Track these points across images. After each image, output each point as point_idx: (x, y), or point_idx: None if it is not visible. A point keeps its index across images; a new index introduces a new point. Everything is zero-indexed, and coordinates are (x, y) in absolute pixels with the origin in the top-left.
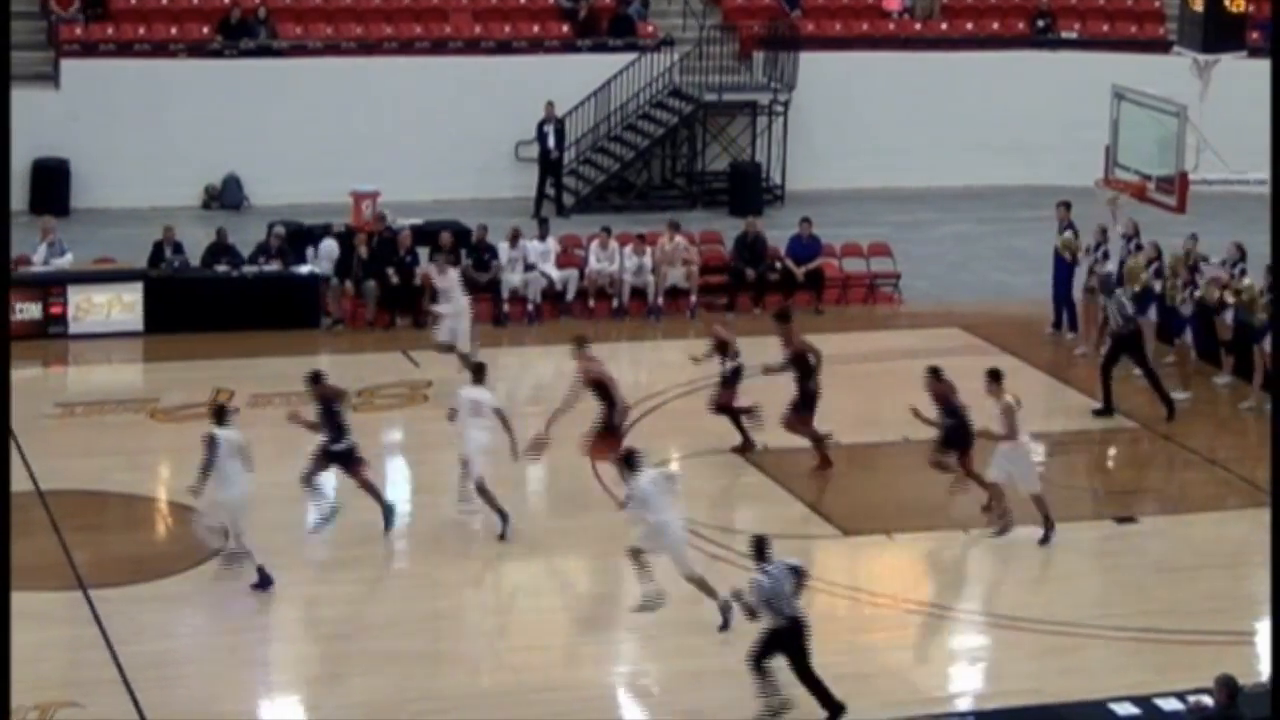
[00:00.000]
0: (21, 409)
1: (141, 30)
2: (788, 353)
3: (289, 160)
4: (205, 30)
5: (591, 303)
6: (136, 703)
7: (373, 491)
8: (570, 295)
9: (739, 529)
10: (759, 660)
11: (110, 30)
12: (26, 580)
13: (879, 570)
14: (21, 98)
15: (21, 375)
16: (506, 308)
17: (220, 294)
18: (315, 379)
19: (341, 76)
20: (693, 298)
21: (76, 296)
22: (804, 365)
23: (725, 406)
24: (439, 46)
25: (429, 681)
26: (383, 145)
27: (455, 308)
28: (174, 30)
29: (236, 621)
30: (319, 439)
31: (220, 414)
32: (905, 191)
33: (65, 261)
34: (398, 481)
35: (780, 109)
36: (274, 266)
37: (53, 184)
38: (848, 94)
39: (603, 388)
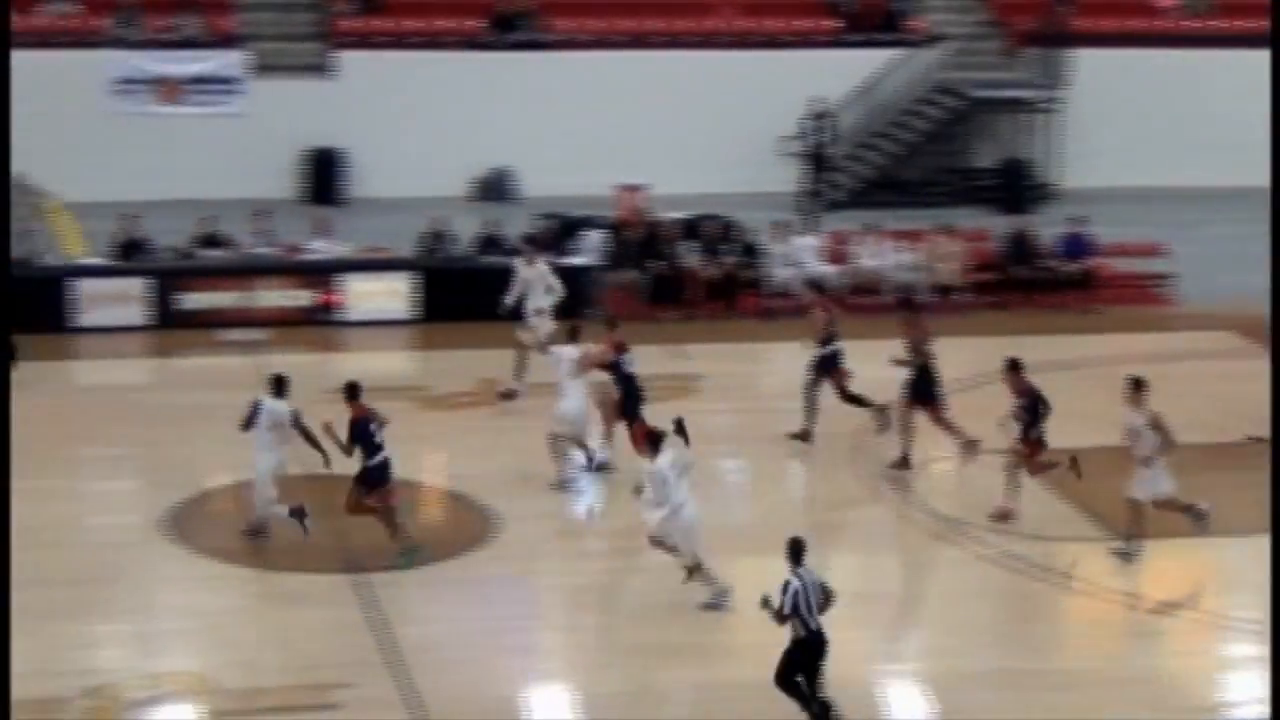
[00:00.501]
0: (296, 394)
1: (415, 23)
2: (910, 343)
3: (557, 152)
4: (477, 23)
5: (858, 299)
6: (408, 686)
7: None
8: (836, 291)
9: (1005, 528)
10: (787, 677)
11: (385, 23)
12: (300, 562)
13: (1150, 574)
14: (298, 89)
15: (294, 361)
16: (773, 303)
17: (489, 284)
18: (352, 393)
19: (610, 70)
20: (957, 296)
21: (349, 284)
22: (926, 355)
23: (840, 388)
24: (707, 41)
25: (694, 672)
26: (649, 138)
27: (544, 302)
28: (447, 23)
29: (506, 608)
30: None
31: (279, 385)
32: (1177, 190)
33: (338, 250)
34: None
35: (1050, 105)
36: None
37: (327, 174)
38: (1119, 91)
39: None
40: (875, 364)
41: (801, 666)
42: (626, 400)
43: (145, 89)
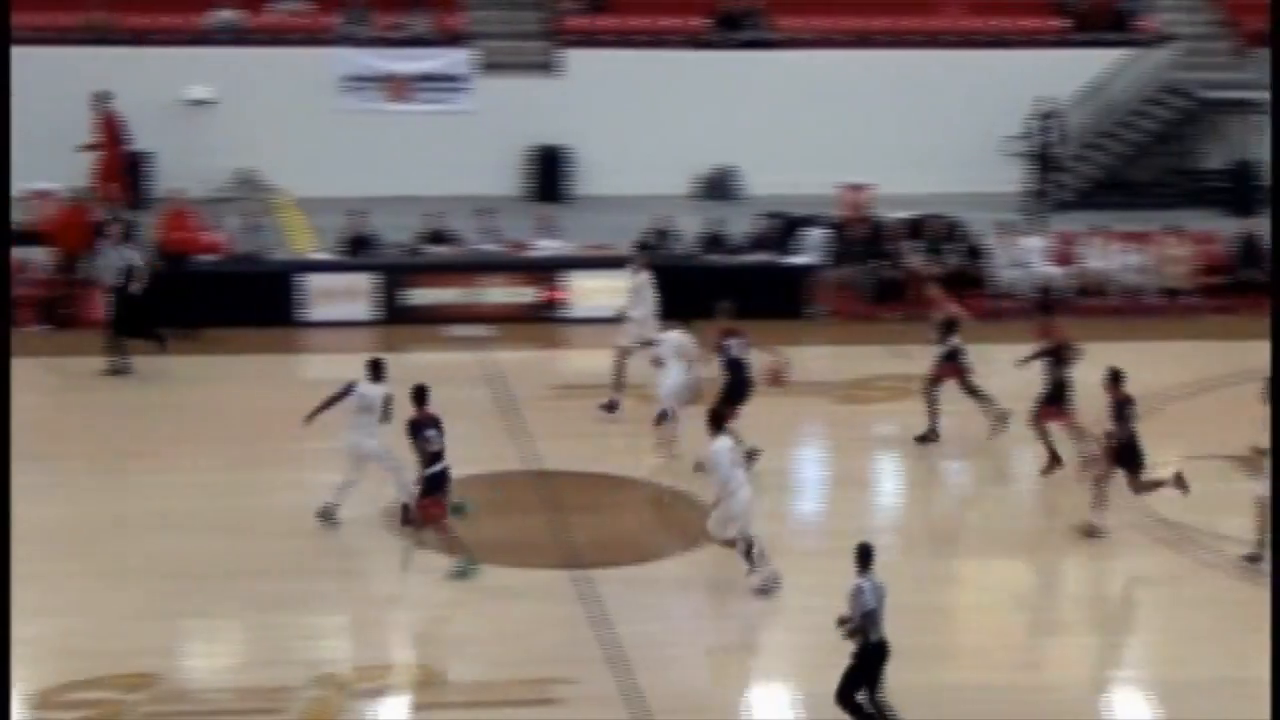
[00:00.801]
0: (519, 390)
1: (641, 21)
2: (1044, 345)
3: (780, 151)
4: (702, 21)
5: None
6: (629, 683)
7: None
8: (1063, 293)
9: (1229, 534)
10: (848, 694)
11: (611, 21)
12: (521, 557)
13: None
14: (524, 86)
15: (517, 358)
16: (998, 304)
17: (711, 282)
18: (420, 397)
19: (834, 68)
20: (1184, 299)
21: (573, 281)
22: (1060, 358)
23: (936, 380)
24: (932, 40)
25: (916, 675)
26: (873, 138)
27: (645, 311)
28: (672, 21)
29: (729, 606)
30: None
31: (375, 368)
32: None
33: (562, 247)
34: (884, 475)
35: None
36: (764, 256)
37: (552, 171)
38: None
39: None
40: (1096, 369)
41: (865, 681)
42: (731, 387)
43: (374, 86)
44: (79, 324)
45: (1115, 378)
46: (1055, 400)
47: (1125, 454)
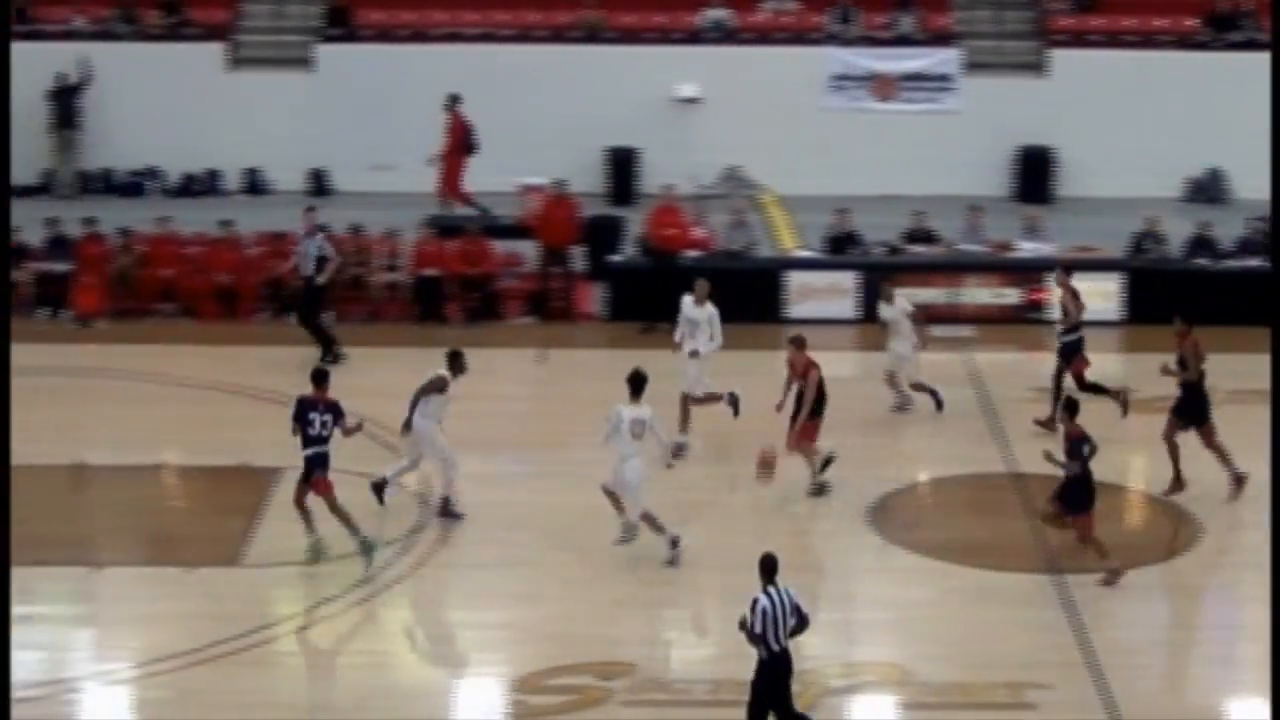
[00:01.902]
0: (999, 392)
1: (1130, 21)
2: (1180, 354)
3: (1270, 154)
4: (1193, 22)
5: None
6: (1106, 691)
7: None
8: None
9: None
10: (758, 711)
11: (1100, 21)
12: (1000, 560)
13: None
14: (1011, 86)
15: (999, 360)
16: None
17: (1199, 288)
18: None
19: None
20: None
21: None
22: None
23: (1077, 375)
24: None
25: None
26: None
27: (702, 347)
28: (1162, 21)
29: (1203, 617)
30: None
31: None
32: None
33: (1047, 249)
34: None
35: None
36: (1253, 261)
37: (1038, 172)
38: None
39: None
40: None
41: (769, 695)
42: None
43: (860, 85)
44: (566, 316)
45: (1070, 409)
46: (1192, 414)
47: (1074, 492)
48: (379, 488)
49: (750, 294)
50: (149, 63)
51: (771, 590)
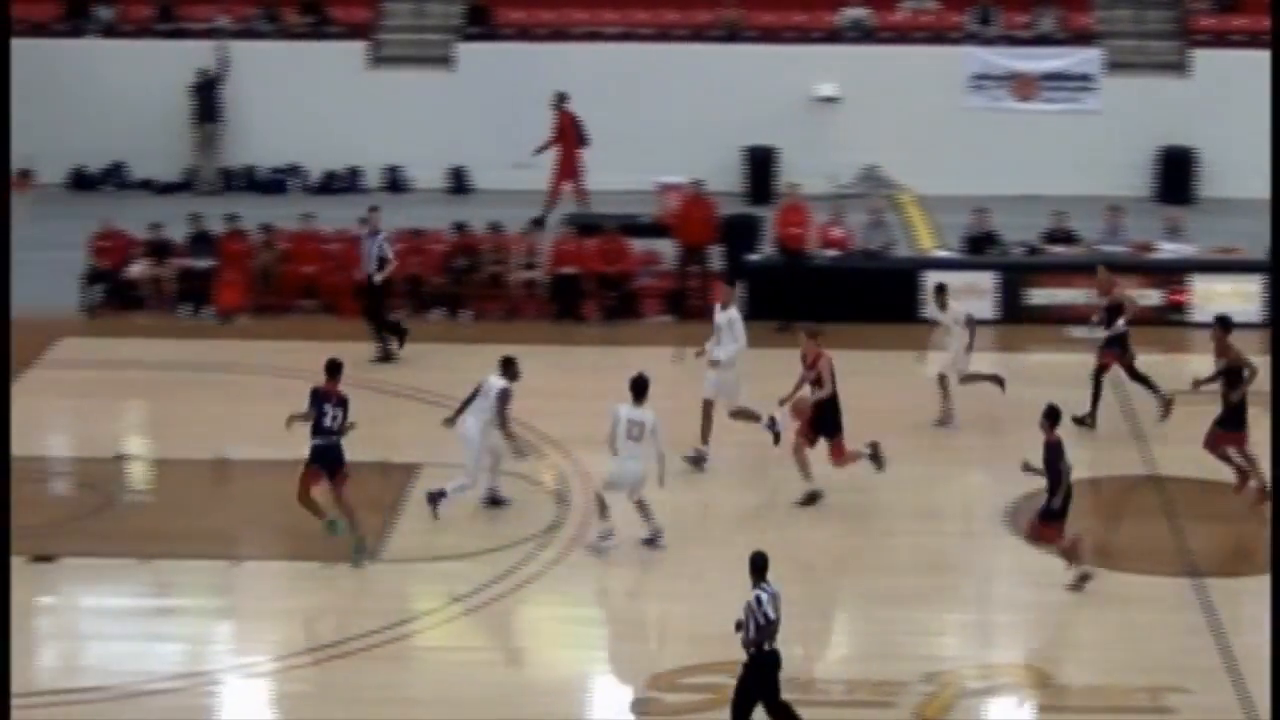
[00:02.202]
0: (1138, 394)
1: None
2: (1221, 363)
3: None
4: None
5: None
6: (1243, 695)
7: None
8: None
9: None
10: (744, 710)
11: (1241, 20)
12: (1138, 564)
13: None
14: (1152, 86)
15: (1141, 360)
16: None
17: None
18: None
19: None
20: None
21: (1197, 285)
22: (1235, 378)
23: (1106, 368)
24: None
25: None
26: None
27: (721, 354)
28: None
29: None
30: None
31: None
32: None
33: (1188, 250)
34: None
35: None
36: None
37: (1180, 172)
38: None
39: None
40: None
41: (759, 690)
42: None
43: (1000, 85)
44: (704, 315)
45: (1051, 417)
46: (1229, 424)
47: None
48: (494, 500)
49: (888, 294)
50: (291, 61)
51: (768, 589)
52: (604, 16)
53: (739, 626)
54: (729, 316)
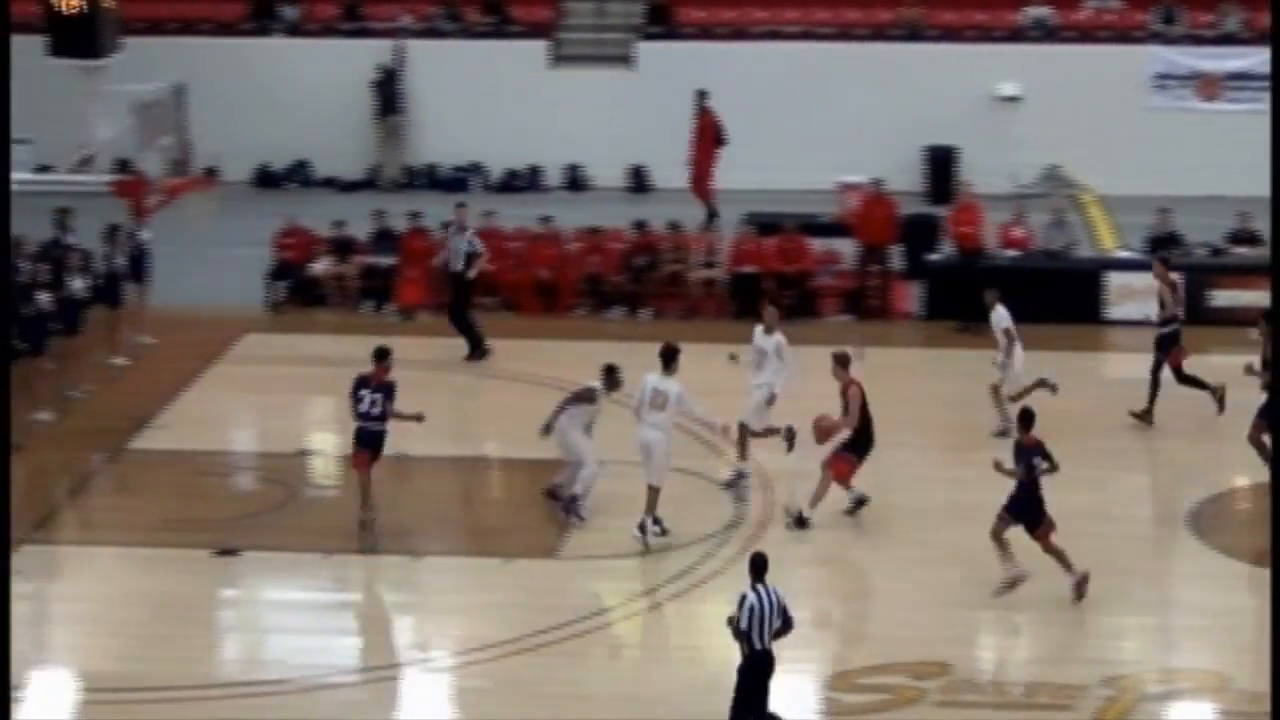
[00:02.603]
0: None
1: None
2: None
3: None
4: None
5: None
6: None
7: None
8: None
9: None
10: (740, 710)
11: None
12: None
13: None
14: None
15: None
16: None
17: None
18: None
19: None
20: None
21: None
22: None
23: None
24: None
25: None
26: None
27: (767, 378)
28: None
29: None
30: None
31: (668, 356)
32: None
33: None
34: None
35: None
36: None
37: None
38: None
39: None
40: None
41: (750, 692)
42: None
43: (1184, 85)
44: (883, 315)
45: (1026, 420)
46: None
47: (1021, 506)
48: (568, 505)
49: (1069, 295)
50: (473, 61)
51: (760, 588)
52: (784, 15)
53: (730, 621)
54: (776, 341)
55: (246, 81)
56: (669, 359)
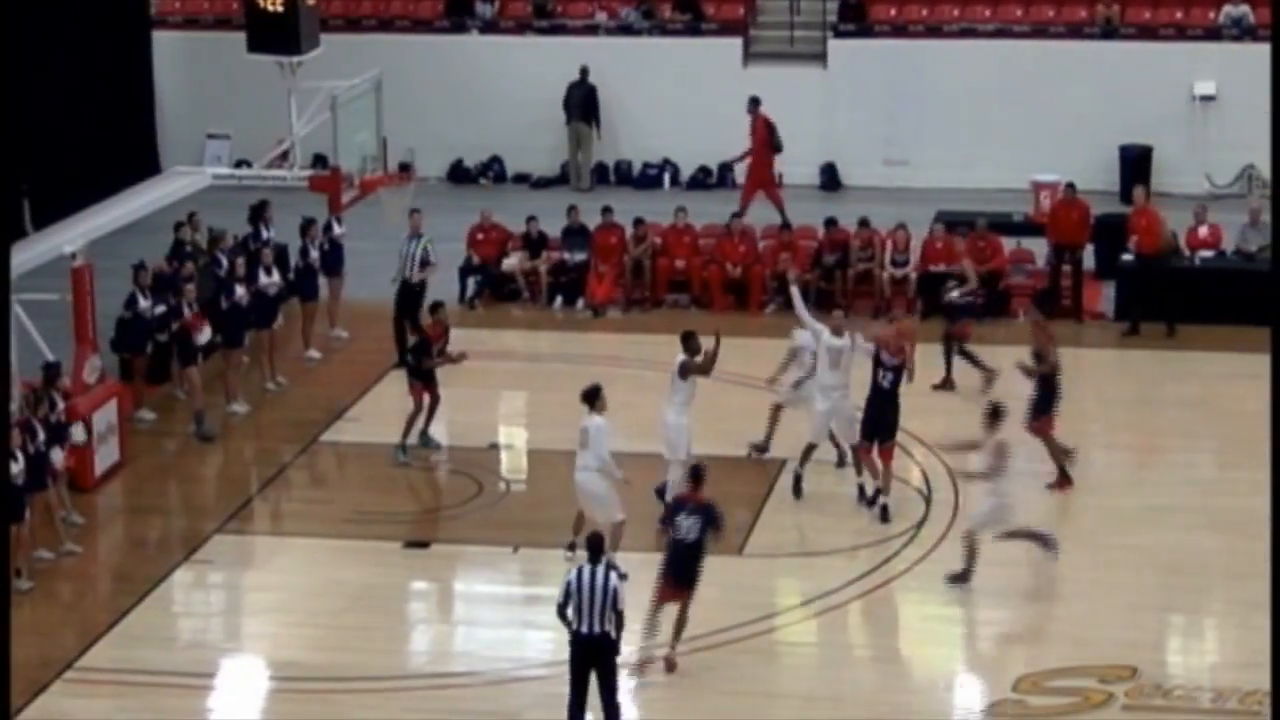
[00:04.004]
0: None
1: None
2: (1037, 350)
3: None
4: None
5: None
6: None
7: None
8: None
9: None
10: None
11: None
12: None
13: None
14: None
15: None
16: None
17: None
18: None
19: None
20: None
21: None
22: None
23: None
24: None
25: None
26: None
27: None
28: None
29: None
30: None
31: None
32: None
33: None
34: None
35: None
36: None
37: None
38: None
39: None
40: None
41: (576, 670)
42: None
43: None
44: (1075, 315)
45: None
46: (1040, 408)
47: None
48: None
49: (1264, 296)
50: (667, 58)
51: (586, 569)
52: (978, 13)
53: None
54: (844, 344)
55: (442, 78)
56: (592, 398)
